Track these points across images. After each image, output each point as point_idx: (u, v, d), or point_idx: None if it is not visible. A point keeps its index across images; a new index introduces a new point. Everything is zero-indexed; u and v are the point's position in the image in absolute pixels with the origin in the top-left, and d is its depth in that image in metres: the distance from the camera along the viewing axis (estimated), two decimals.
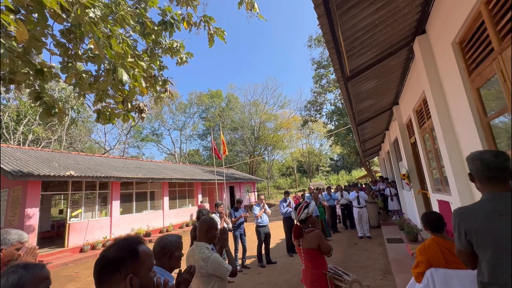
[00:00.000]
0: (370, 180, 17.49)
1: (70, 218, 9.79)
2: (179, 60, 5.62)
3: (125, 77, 3.08)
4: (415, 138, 5.40)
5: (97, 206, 10.84)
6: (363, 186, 12.68)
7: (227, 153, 15.88)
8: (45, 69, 3.32)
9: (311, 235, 2.40)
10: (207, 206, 16.25)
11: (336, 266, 2.54)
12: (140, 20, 4.45)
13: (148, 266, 0.91)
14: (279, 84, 67.06)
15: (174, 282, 1.38)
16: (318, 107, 21.51)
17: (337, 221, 9.93)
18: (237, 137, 36.57)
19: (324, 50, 20.08)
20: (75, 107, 23.78)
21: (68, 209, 9.89)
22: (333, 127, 19.79)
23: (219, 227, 2.25)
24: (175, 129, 37.66)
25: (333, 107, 19.95)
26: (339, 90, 15.61)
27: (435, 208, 4.36)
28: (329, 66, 19.36)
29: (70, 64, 3.81)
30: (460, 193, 2.89)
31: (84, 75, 3.93)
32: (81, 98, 4.43)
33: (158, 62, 5.24)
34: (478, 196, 1.33)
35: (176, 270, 1.55)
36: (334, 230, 8.92)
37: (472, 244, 1.22)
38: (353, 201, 8.14)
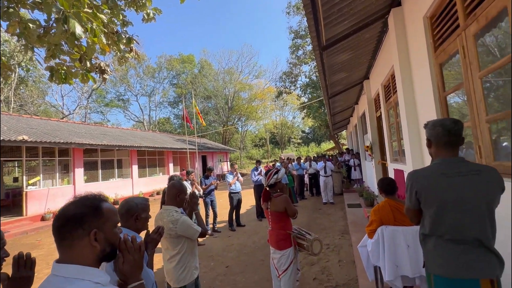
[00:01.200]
0: (337, 151, 18.51)
1: (27, 186, 9.14)
2: (145, 17, 5.05)
3: (78, 30, 2.67)
4: (381, 112, 5.71)
5: (57, 174, 10.20)
6: (330, 157, 13.41)
7: (204, 124, 15.48)
8: None
9: (279, 199, 2.52)
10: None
11: (300, 227, 2.74)
12: None
13: (113, 222, 0.89)
14: (255, 52, 64.77)
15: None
16: (293, 79, 21.44)
17: (305, 189, 10.56)
18: (210, 106, 35.57)
19: (302, 19, 19.46)
20: (23, 64, 20.90)
21: (24, 177, 9.18)
22: (306, 100, 20.06)
23: (189, 192, 2.26)
24: (143, 95, 35.41)
25: (307, 80, 20.01)
26: (315, 63, 15.59)
27: (391, 176, 4.81)
28: (306, 36, 18.97)
29: (11, 10, 3.23)
30: (414, 162, 3.19)
31: (30, 25, 3.38)
32: (29, 53, 3.88)
33: (120, 16, 4.66)
34: (428, 164, 1.48)
35: (144, 231, 1.55)
36: (301, 197, 9.51)
37: (420, 202, 1.37)
38: (321, 170, 8.64)
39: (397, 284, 2.13)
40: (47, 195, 9.48)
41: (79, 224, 0.80)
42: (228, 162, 25.06)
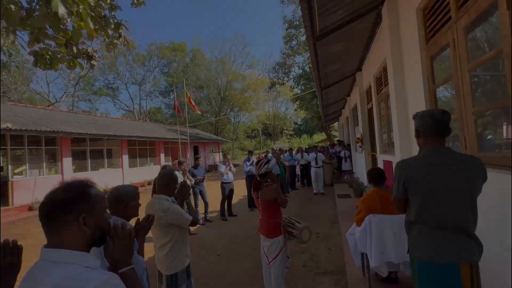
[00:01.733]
0: (328, 143, 18.71)
1: (12, 175, 8.91)
2: (135, 1, 4.88)
3: (61, 10, 2.53)
4: (372, 105, 5.77)
5: (44, 163, 9.96)
6: (322, 148, 13.54)
7: (199, 111, 15.38)
8: None
9: (269, 188, 2.54)
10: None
11: (290, 216, 2.78)
12: None
13: (101, 207, 0.88)
14: (248, 42, 63.72)
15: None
16: (287, 70, 21.28)
17: (296, 179, 10.69)
18: (202, 96, 35.10)
19: (297, 9, 19.17)
20: (4, 48, 19.93)
21: (9, 166, 8.93)
22: (299, 92, 20.03)
23: (179, 181, 2.25)
24: (133, 83, 34.56)
25: (301, 71, 19.92)
26: (308, 54, 15.49)
27: (381, 167, 4.90)
28: (300, 27, 18.74)
29: None
30: (402, 153, 3.27)
31: (12, 6, 3.20)
32: (11, 36, 3.68)
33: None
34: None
35: (135, 219, 1.55)
36: (292, 188, 9.64)
37: (407, 191, 1.41)
38: (312, 161, 8.75)
39: (382, 269, 2.22)
40: (34, 185, 9.28)
41: (68, 209, 0.79)
42: (221, 153, 25.01)
